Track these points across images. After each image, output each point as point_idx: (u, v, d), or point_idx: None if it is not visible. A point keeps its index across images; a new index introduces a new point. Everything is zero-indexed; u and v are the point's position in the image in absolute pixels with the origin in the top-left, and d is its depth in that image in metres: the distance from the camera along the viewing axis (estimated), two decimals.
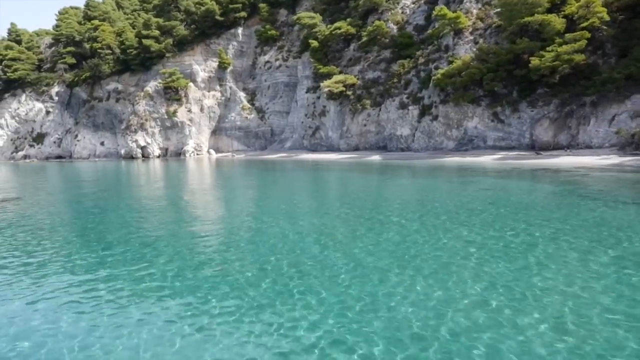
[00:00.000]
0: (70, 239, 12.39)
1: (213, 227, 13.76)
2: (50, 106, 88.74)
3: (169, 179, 34.35)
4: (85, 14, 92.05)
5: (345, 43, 64.39)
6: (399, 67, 52.28)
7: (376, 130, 54.80)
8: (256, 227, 13.00)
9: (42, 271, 9.17)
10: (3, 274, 9.06)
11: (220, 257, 9.82)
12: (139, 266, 9.29)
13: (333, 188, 22.65)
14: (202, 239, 11.81)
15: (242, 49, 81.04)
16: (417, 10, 59.11)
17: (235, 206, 17.66)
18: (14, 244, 11.65)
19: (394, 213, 14.45)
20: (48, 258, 10.13)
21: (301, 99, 67.39)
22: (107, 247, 10.91)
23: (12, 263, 9.72)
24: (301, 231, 12.12)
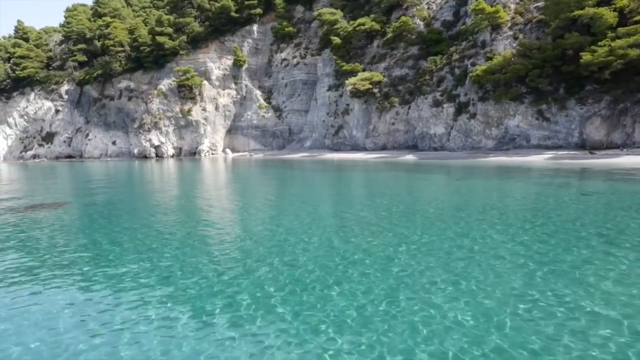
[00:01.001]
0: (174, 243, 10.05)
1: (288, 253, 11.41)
2: (59, 105, 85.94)
3: (205, 181, 31.90)
4: (95, 11, 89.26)
5: (368, 40, 62.00)
6: (431, 64, 49.98)
7: (405, 129, 52.51)
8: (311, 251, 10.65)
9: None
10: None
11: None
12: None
13: (388, 194, 20.23)
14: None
15: (257, 46, 78.53)
16: (445, 5, 56.81)
17: (285, 219, 15.26)
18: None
19: (506, 234, 12.03)
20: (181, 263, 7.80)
21: (322, 97, 65.00)
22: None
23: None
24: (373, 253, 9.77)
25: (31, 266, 9.28)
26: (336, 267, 8.43)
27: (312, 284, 7.53)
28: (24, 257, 10.00)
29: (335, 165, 44.02)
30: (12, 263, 9.55)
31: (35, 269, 9.05)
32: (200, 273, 8.30)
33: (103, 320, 6.40)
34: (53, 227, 13.51)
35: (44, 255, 10.15)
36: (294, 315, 6.35)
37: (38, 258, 9.88)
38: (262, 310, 6.55)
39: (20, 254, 10.30)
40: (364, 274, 7.95)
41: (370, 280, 7.59)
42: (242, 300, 6.92)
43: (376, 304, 6.59)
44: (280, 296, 7.04)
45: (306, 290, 7.25)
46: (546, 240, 9.88)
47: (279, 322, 6.16)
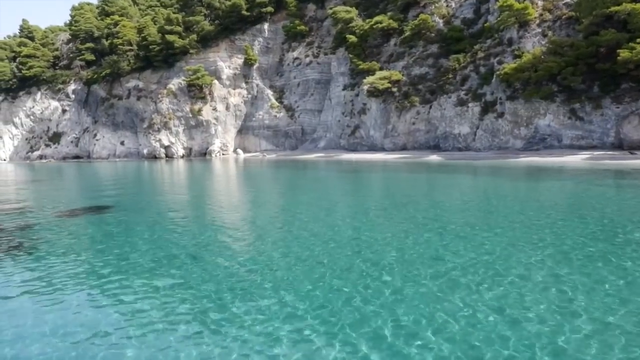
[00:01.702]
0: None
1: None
2: (66, 104, 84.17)
3: (228, 185, 30.32)
4: (102, 10, 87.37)
5: (384, 38, 60.47)
6: (453, 62, 48.51)
7: (426, 129, 51.01)
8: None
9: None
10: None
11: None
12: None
13: (428, 199, 18.73)
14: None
15: (268, 45, 76.92)
16: (465, 3, 55.32)
17: (318, 230, 13.71)
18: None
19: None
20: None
21: (336, 96, 63.47)
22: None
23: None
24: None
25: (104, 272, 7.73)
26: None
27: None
28: (98, 262, 8.46)
29: (354, 165, 42.55)
30: (88, 268, 8.01)
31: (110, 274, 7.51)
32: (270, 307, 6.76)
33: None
34: (113, 232, 11.93)
35: (113, 259, 8.60)
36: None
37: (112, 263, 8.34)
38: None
39: (101, 260, 8.76)
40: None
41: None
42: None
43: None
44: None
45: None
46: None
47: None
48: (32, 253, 10.33)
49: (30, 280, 8.36)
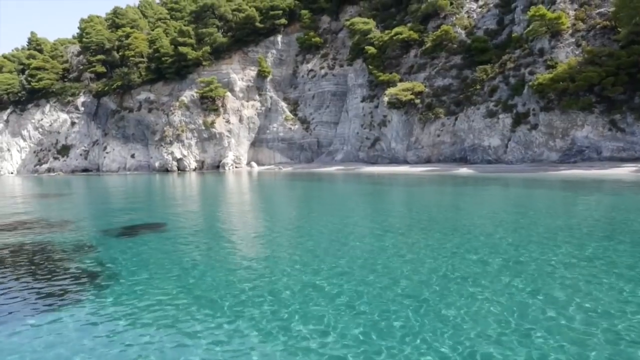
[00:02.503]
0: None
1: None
2: (75, 117, 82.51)
3: (259, 200, 28.41)
4: (112, 22, 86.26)
5: (404, 49, 59.18)
6: (481, 73, 47.08)
7: (452, 141, 49.38)
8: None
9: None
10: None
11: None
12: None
13: (477, 217, 16.87)
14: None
15: (282, 57, 75.67)
16: (487, 14, 54.24)
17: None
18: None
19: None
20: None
21: (354, 108, 61.95)
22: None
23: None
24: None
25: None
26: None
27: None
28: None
29: (376, 178, 40.78)
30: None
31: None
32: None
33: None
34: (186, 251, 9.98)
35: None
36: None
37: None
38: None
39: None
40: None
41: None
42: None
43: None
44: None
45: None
46: None
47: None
48: (117, 281, 8.42)
49: (137, 317, 6.45)
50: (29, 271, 9.98)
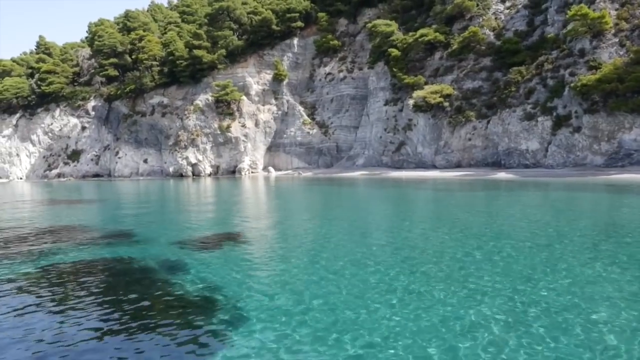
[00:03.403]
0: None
1: None
2: (86, 121, 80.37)
3: (306, 204, 26.33)
4: (124, 25, 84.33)
5: (427, 52, 57.41)
6: (515, 75, 45.24)
7: (483, 145, 47.49)
8: None
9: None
10: None
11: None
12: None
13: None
14: None
15: (298, 60, 73.84)
16: (516, 15, 52.53)
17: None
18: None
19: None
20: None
21: (376, 112, 60.04)
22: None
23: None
24: None
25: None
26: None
27: None
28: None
29: (405, 183, 38.89)
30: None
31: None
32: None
33: None
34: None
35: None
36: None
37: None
38: None
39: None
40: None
41: None
42: None
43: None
44: None
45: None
46: None
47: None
48: (247, 309, 6.38)
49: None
50: (136, 304, 7.87)
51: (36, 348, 5.91)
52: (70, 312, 7.28)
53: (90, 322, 6.80)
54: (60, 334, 6.34)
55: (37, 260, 11.27)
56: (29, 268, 10.43)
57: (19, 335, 6.34)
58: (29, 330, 6.53)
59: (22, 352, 5.81)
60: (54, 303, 7.83)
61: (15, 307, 7.57)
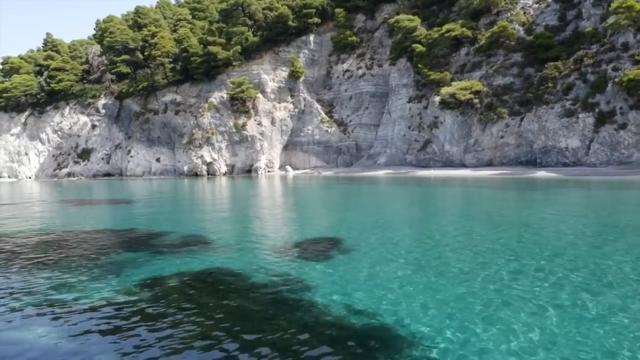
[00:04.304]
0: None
1: None
2: (96, 119, 78.17)
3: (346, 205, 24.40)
4: (134, 22, 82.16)
5: (452, 48, 55.54)
6: (552, 70, 43.41)
7: (516, 143, 45.69)
8: None
9: None
10: None
11: None
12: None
13: None
14: None
15: (314, 57, 71.82)
16: (546, 10, 50.72)
17: None
18: None
19: None
20: None
21: (399, 109, 58.11)
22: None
23: None
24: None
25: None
26: None
27: None
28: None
29: (432, 182, 37.13)
30: None
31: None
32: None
33: None
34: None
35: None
36: None
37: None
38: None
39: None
40: None
41: None
42: None
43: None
44: None
45: None
46: None
47: None
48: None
49: None
50: (296, 336, 5.93)
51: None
52: (211, 343, 5.36)
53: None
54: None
55: (129, 272, 9.31)
56: (125, 284, 8.47)
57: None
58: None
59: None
60: (187, 332, 5.90)
61: (141, 342, 5.64)
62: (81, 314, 6.91)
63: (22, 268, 10.12)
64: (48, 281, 8.86)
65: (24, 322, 6.71)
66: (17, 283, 8.83)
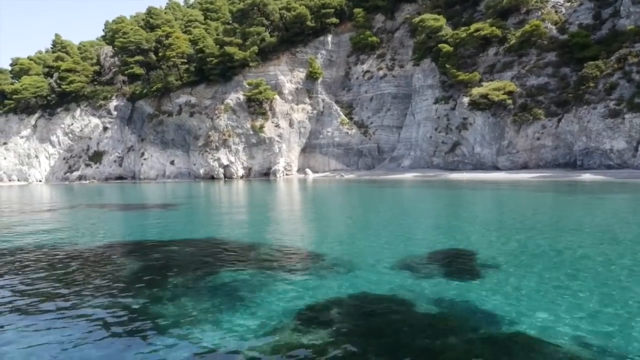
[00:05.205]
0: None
1: None
2: (108, 121, 76.18)
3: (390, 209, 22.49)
4: (147, 22, 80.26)
5: (479, 48, 53.82)
6: (592, 70, 41.67)
7: (554, 145, 43.92)
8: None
9: None
10: None
11: None
12: None
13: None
14: None
15: (332, 58, 70.05)
16: (579, 8, 49.07)
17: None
18: None
19: None
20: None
21: (424, 111, 56.30)
22: None
23: None
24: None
25: None
26: None
27: None
28: None
29: (465, 184, 35.32)
30: None
31: None
32: None
33: None
34: None
35: None
36: None
37: None
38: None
39: None
40: None
41: None
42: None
43: None
44: None
45: None
46: None
47: None
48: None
49: None
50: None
51: None
52: None
53: None
54: None
55: (263, 299, 7.32)
56: (274, 318, 6.50)
57: None
58: None
59: None
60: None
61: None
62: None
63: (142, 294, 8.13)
64: (175, 310, 6.88)
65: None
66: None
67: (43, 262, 11.07)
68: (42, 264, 10.86)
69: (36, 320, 6.94)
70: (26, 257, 11.85)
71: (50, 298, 8.06)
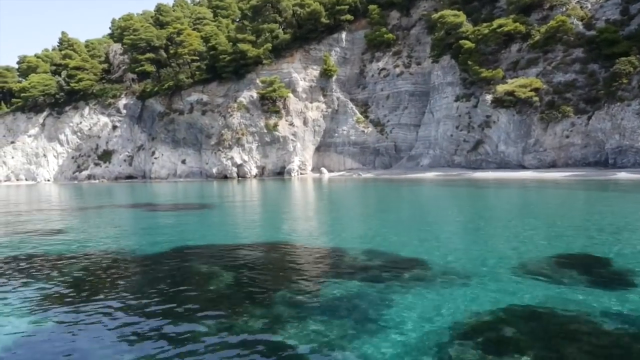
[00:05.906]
0: None
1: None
2: (117, 120, 74.61)
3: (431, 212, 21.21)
4: (156, 20, 78.76)
5: (501, 44, 52.56)
6: (624, 66, 40.43)
7: (583, 143, 42.69)
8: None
9: None
10: None
11: None
12: None
13: None
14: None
15: (346, 55, 68.64)
16: (606, 4, 47.88)
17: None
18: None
19: None
20: None
21: (444, 108, 54.98)
22: None
23: None
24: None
25: None
26: None
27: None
28: None
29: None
30: None
31: None
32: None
33: None
34: None
35: None
36: None
37: None
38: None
39: None
40: None
41: None
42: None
43: None
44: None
45: None
46: None
47: None
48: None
49: None
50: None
51: None
52: None
53: None
54: None
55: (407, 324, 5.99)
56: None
57: None
58: None
59: None
60: None
61: None
62: None
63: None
64: (297, 332, 5.54)
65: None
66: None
67: (112, 269, 9.71)
68: (111, 271, 9.50)
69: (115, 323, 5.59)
70: (96, 264, 10.48)
71: (126, 306, 6.71)
